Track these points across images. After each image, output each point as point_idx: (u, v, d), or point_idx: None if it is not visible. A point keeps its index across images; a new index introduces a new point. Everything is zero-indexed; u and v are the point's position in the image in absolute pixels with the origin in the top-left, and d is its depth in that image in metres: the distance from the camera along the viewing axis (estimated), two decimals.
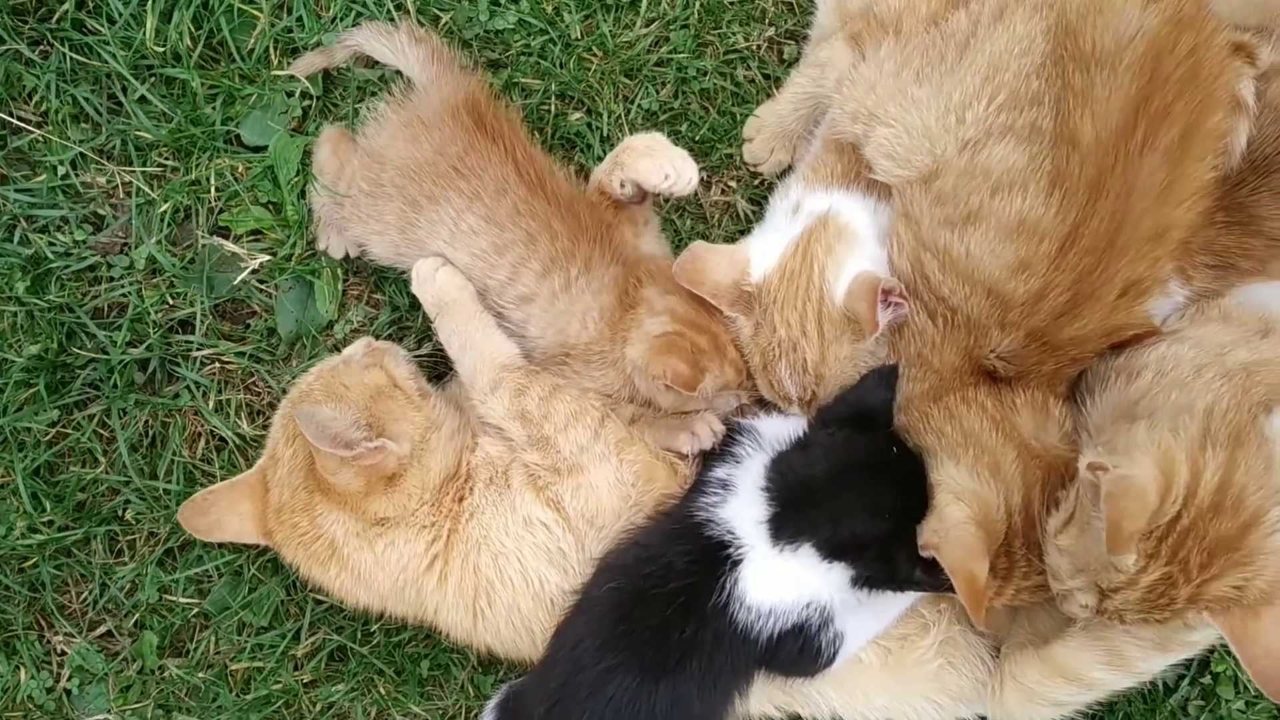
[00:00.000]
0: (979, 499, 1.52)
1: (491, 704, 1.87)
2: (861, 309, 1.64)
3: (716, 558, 1.60)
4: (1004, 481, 1.55)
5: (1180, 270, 1.70)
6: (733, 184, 2.02)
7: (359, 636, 1.95)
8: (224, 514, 1.77)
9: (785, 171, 1.97)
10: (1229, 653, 1.93)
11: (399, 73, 1.90)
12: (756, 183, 2.01)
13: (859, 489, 1.58)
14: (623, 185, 1.80)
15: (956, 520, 1.49)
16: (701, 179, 2.01)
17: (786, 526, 1.58)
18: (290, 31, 1.95)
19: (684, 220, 2.01)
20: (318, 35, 1.94)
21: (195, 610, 1.95)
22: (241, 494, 1.78)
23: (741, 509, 1.62)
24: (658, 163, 1.76)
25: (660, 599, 1.58)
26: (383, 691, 1.96)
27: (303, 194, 1.93)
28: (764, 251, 1.75)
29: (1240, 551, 1.41)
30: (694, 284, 1.71)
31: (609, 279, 1.79)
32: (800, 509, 1.58)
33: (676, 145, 1.80)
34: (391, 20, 1.93)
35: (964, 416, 1.61)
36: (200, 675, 1.94)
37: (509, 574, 1.72)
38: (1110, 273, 1.51)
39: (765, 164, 1.98)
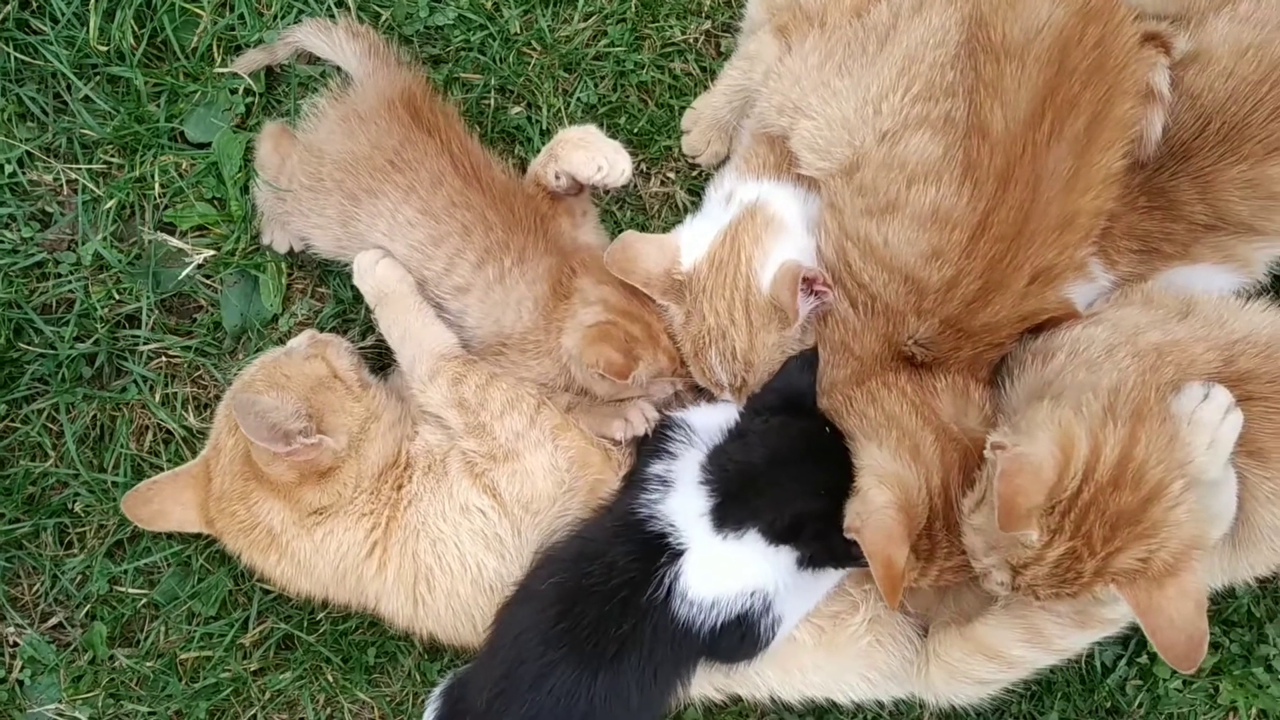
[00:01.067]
0: (901, 482, 1.54)
1: (437, 691, 1.90)
2: (785, 297, 1.67)
3: (657, 554, 1.62)
4: (924, 464, 1.57)
5: (1104, 255, 1.73)
6: (671, 175, 2.04)
7: (306, 625, 1.98)
8: (167, 503, 1.80)
9: (723, 162, 2.00)
10: None
11: (339, 68, 1.93)
12: (695, 174, 2.04)
13: (797, 472, 1.61)
14: (558, 177, 1.82)
15: (879, 504, 1.52)
16: (640, 170, 2.04)
17: (730, 515, 1.60)
18: (232, 29, 1.98)
19: (624, 211, 2.04)
20: (259, 32, 1.97)
21: (144, 601, 1.97)
22: (184, 484, 1.81)
23: (682, 503, 1.64)
24: (591, 155, 1.79)
25: (601, 595, 1.60)
26: (330, 679, 1.99)
27: (246, 189, 1.96)
28: (694, 240, 1.78)
29: (1143, 524, 1.43)
30: (625, 273, 1.73)
31: (543, 269, 1.82)
32: (743, 497, 1.60)
33: (611, 138, 1.82)
34: (332, 17, 1.96)
35: (885, 400, 1.63)
36: (149, 665, 1.96)
37: (447, 560, 1.75)
38: (1019, 260, 1.53)
39: (703, 155, 2.00)
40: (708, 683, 1.83)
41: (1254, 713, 1.98)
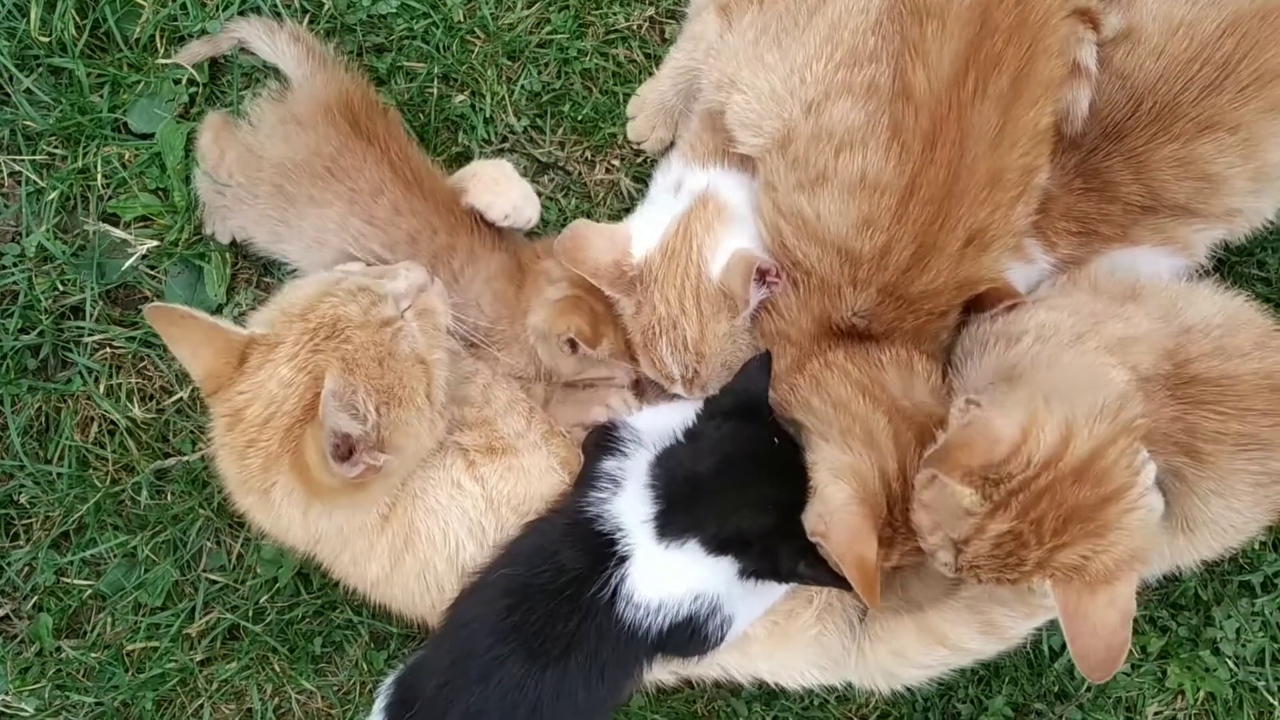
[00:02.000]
0: (857, 474, 1.52)
1: (390, 679, 1.89)
2: (735, 285, 1.66)
3: (604, 554, 1.61)
4: (878, 450, 1.55)
5: (1043, 237, 1.73)
6: (616, 163, 2.04)
7: (252, 615, 1.98)
8: (184, 341, 1.59)
9: (669, 149, 1.99)
10: None
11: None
12: (640, 160, 2.04)
13: (743, 484, 1.59)
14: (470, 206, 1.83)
15: (839, 502, 1.50)
16: (585, 158, 2.05)
17: (672, 523, 1.58)
18: (174, 19, 1.98)
19: (569, 199, 2.04)
20: (202, 23, 1.97)
21: (90, 592, 1.97)
22: (213, 342, 1.58)
23: (629, 505, 1.63)
24: (498, 201, 1.80)
25: (549, 593, 1.59)
26: (277, 669, 1.99)
27: (189, 180, 1.96)
28: (646, 229, 1.77)
29: (1095, 523, 1.42)
30: (575, 262, 1.72)
31: (496, 265, 1.83)
32: (686, 506, 1.58)
33: (520, 178, 1.85)
34: (275, 7, 1.96)
35: (830, 385, 1.61)
36: (96, 656, 1.96)
37: (432, 530, 1.71)
38: (951, 221, 1.52)
39: (648, 141, 2.00)
40: (661, 667, 1.83)
41: (1201, 696, 1.98)
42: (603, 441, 1.74)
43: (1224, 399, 1.61)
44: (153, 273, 1.99)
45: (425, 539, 1.71)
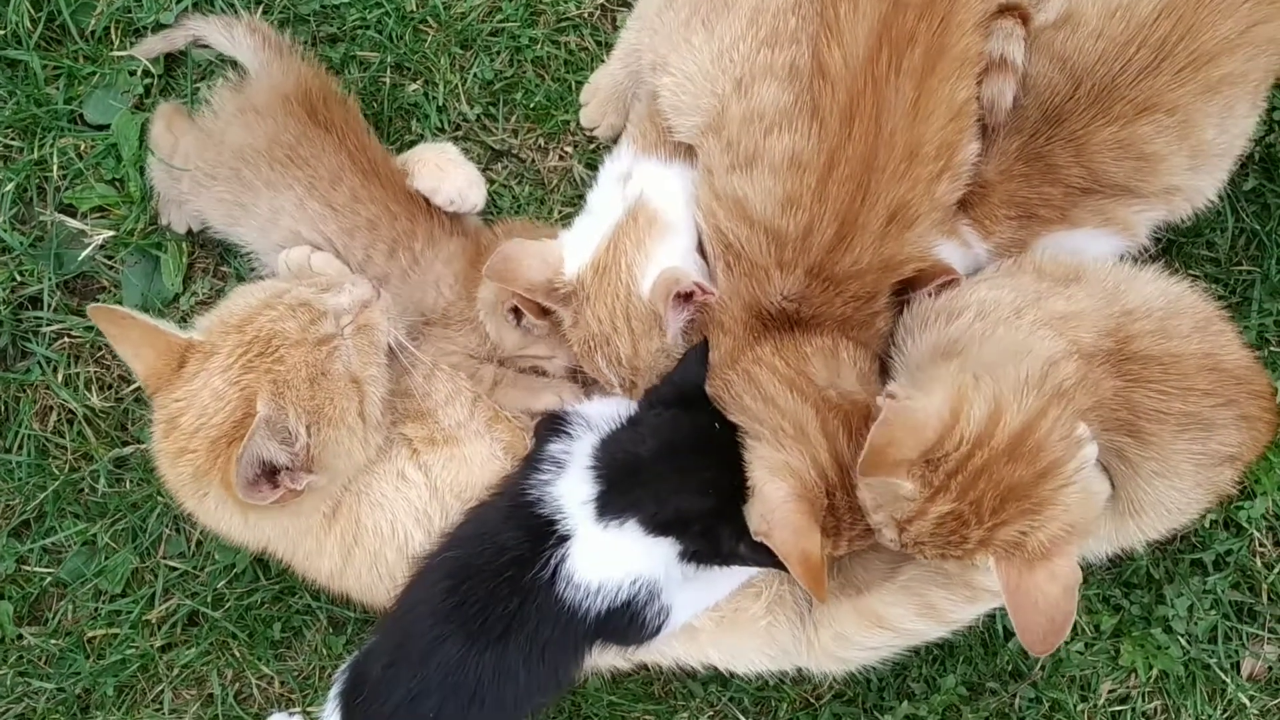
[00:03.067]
0: (793, 471, 1.53)
1: (347, 662, 1.91)
2: (659, 309, 1.66)
3: (545, 536, 1.62)
4: (809, 443, 1.56)
5: (979, 224, 1.73)
6: (569, 150, 2.06)
7: (211, 601, 1.99)
8: (126, 341, 1.62)
9: (620, 135, 2.01)
10: None
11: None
12: (593, 147, 2.05)
13: (683, 467, 1.60)
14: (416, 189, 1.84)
15: (778, 500, 1.51)
16: (539, 145, 2.06)
17: (612, 504, 1.60)
18: (129, 11, 1.99)
19: (522, 186, 2.05)
20: (156, 14, 1.99)
21: (51, 579, 1.99)
22: (153, 343, 1.60)
23: (570, 486, 1.64)
24: (443, 185, 1.80)
25: (490, 573, 1.61)
26: (237, 654, 2.01)
27: (144, 170, 1.98)
28: (579, 243, 1.76)
29: (1032, 500, 1.43)
30: (508, 283, 1.71)
31: (455, 247, 1.85)
32: (626, 487, 1.60)
33: (465, 160, 1.85)
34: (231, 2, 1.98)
35: (760, 381, 1.61)
36: (56, 642, 1.98)
37: (380, 523, 1.73)
38: (872, 198, 1.53)
39: (600, 128, 2.01)
40: (616, 652, 1.84)
41: (1154, 674, 1.99)
42: (552, 426, 1.76)
43: (1167, 377, 1.62)
44: (110, 263, 2.01)
45: (373, 532, 1.72)
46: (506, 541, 1.62)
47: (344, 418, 1.60)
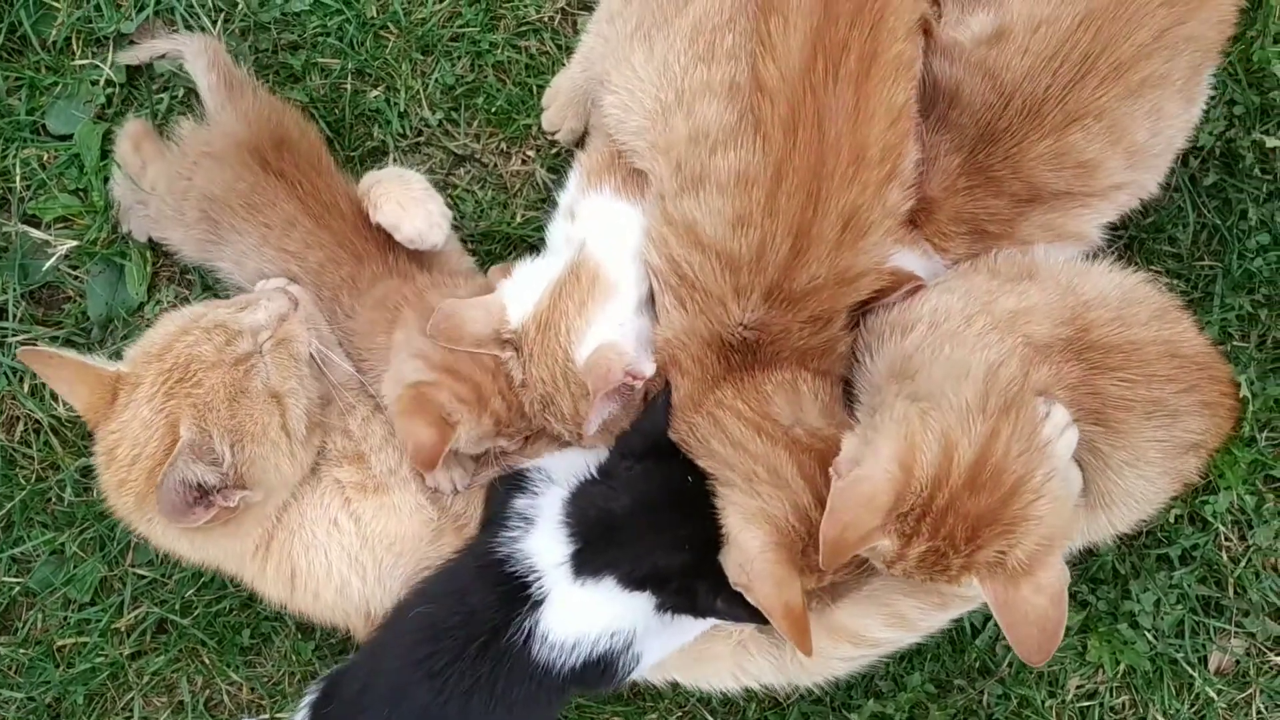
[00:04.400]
0: (768, 517, 1.52)
1: (321, 677, 1.91)
2: (589, 386, 1.61)
3: (517, 597, 1.60)
4: (787, 486, 1.54)
5: (932, 242, 1.72)
6: (531, 154, 2.06)
7: (180, 608, 2.00)
8: (60, 380, 1.68)
9: (581, 140, 2.01)
10: None
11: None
12: (555, 152, 2.05)
13: (658, 523, 1.59)
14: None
15: (755, 551, 1.50)
16: (501, 150, 2.07)
17: (588, 563, 1.59)
18: (89, 21, 2.00)
19: (485, 191, 2.06)
20: (116, 24, 1.99)
21: (19, 588, 2.00)
22: (85, 380, 1.64)
23: (542, 544, 1.62)
24: (403, 224, 1.78)
25: (460, 636, 1.60)
26: (206, 661, 2.02)
27: (108, 179, 1.98)
28: (521, 292, 1.73)
29: (1002, 523, 1.43)
30: (454, 342, 1.68)
31: (384, 291, 1.82)
32: (601, 546, 1.59)
33: (430, 195, 1.81)
34: (191, 7, 1.98)
35: (727, 426, 1.59)
36: (25, 652, 1.99)
37: (315, 565, 1.74)
38: (824, 205, 1.52)
39: (561, 132, 2.01)
40: None
41: (1121, 669, 1.99)
42: (513, 481, 1.75)
43: (1129, 364, 1.62)
44: (74, 272, 2.02)
45: (308, 572, 1.74)
46: (476, 604, 1.60)
47: (266, 433, 1.62)
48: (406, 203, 1.80)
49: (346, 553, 1.73)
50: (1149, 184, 1.74)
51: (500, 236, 2.04)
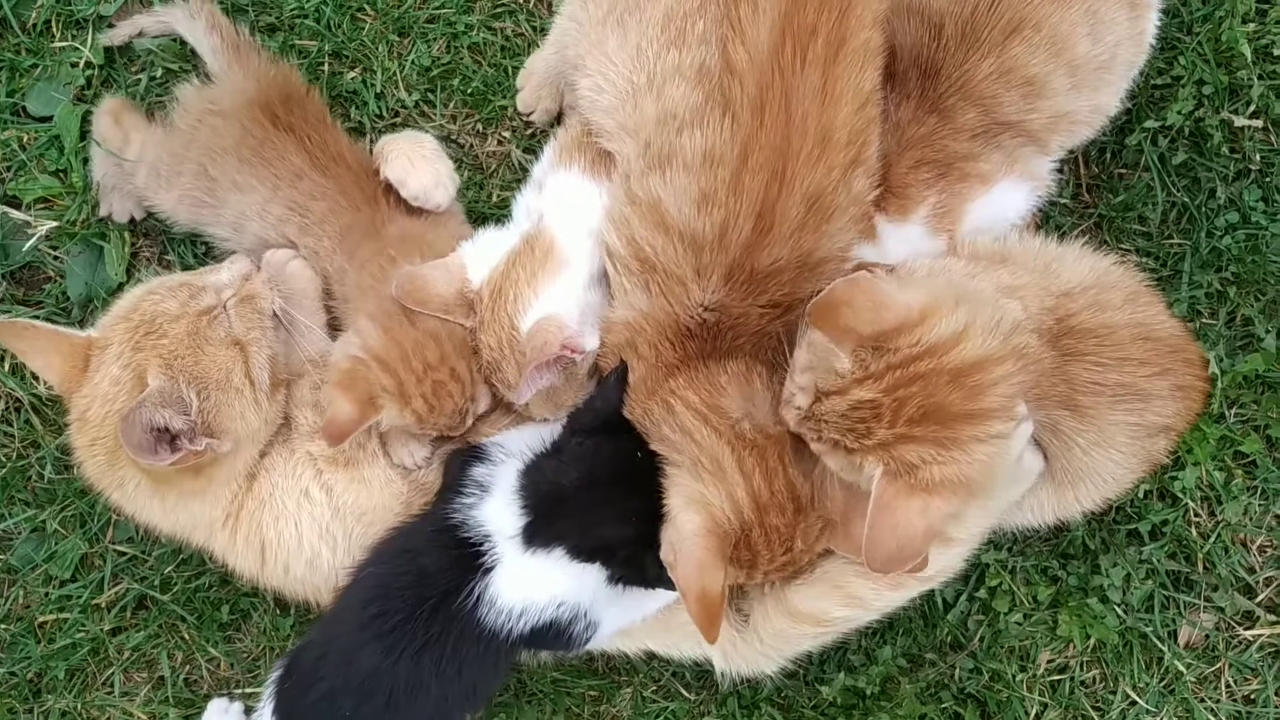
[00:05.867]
0: (707, 505, 1.54)
1: (291, 648, 1.94)
2: (526, 359, 1.65)
3: (469, 561, 1.64)
4: (727, 479, 1.56)
5: (897, 204, 1.72)
6: (507, 134, 2.08)
7: (160, 584, 2.02)
8: (34, 353, 1.71)
9: (557, 120, 2.03)
10: (1004, 567, 2.00)
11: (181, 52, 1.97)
12: (530, 133, 2.07)
13: (607, 496, 1.62)
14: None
15: (688, 532, 1.53)
16: (477, 131, 2.08)
17: (539, 534, 1.62)
18: (69, 4, 2.02)
19: (462, 172, 2.06)
20: (96, 6, 2.01)
21: (1, 565, 2.02)
22: (59, 349, 1.68)
23: (496, 512, 1.66)
24: (409, 180, 1.81)
25: (411, 596, 1.63)
26: (186, 637, 2.04)
27: (88, 160, 2.00)
28: (481, 255, 1.76)
29: (948, 432, 1.41)
30: (420, 305, 1.70)
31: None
32: (551, 518, 1.62)
33: (440, 156, 1.84)
34: None
35: (678, 413, 1.61)
36: (7, 628, 2.01)
37: (286, 537, 1.77)
38: (788, 185, 1.52)
39: (536, 113, 2.04)
40: None
41: (1091, 643, 2.01)
42: (472, 452, 1.78)
43: (1103, 349, 1.64)
44: (55, 253, 2.04)
45: (279, 544, 1.77)
46: (429, 566, 1.64)
47: (230, 380, 1.66)
48: (416, 159, 1.82)
49: (318, 524, 1.75)
50: (1104, 105, 1.75)
51: (477, 215, 2.05)
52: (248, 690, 2.04)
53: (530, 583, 1.63)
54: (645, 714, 2.03)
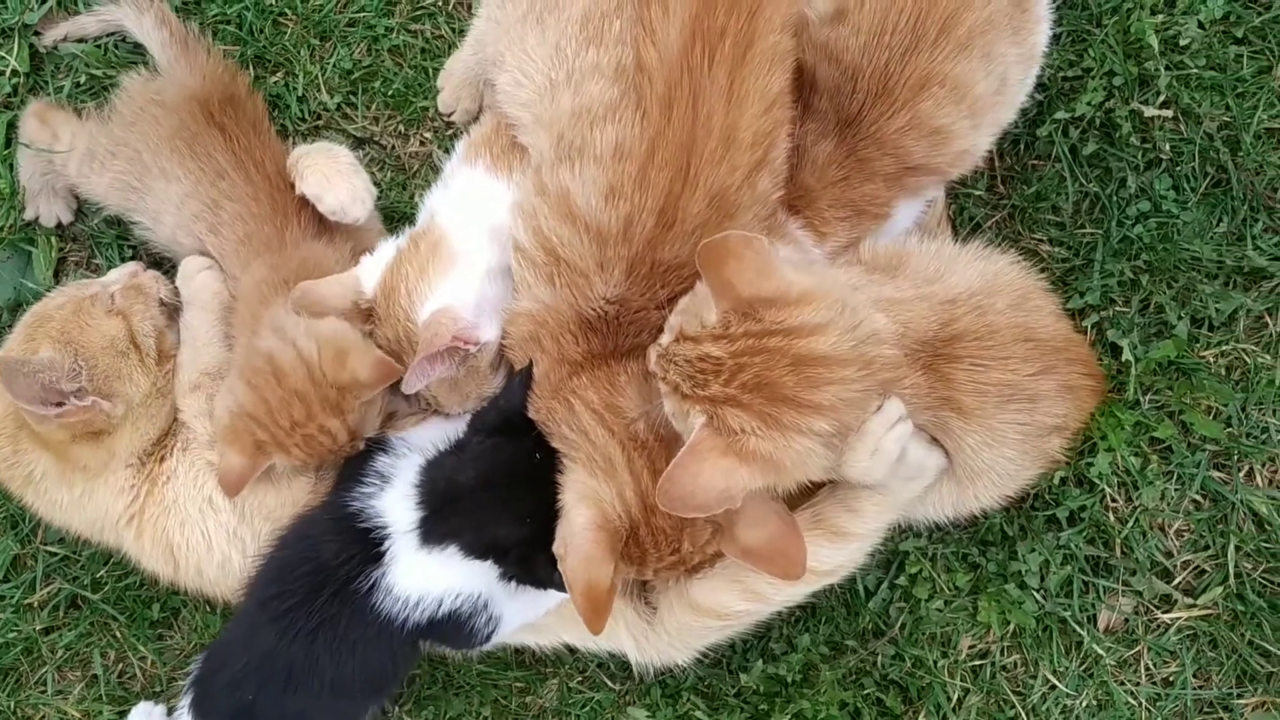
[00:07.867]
0: (598, 501, 1.57)
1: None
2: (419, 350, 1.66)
3: (365, 550, 1.67)
4: (617, 478, 1.59)
5: (813, 229, 1.76)
6: (429, 135, 2.11)
7: (91, 584, 2.05)
8: None
9: (476, 120, 2.06)
10: (924, 554, 2.03)
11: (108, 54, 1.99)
12: (451, 133, 2.10)
13: (502, 496, 1.65)
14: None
15: (579, 526, 1.56)
16: (399, 132, 2.11)
17: (434, 530, 1.65)
18: None
19: (384, 173, 2.11)
20: (20, 15, 2.04)
21: None
22: None
23: (394, 504, 1.69)
24: (325, 196, 1.83)
25: (308, 578, 1.67)
26: (118, 635, 2.07)
27: (13, 167, 2.03)
28: (378, 264, 1.79)
29: (771, 410, 1.44)
30: (318, 315, 1.73)
31: (298, 261, 1.87)
32: (446, 514, 1.65)
33: (356, 170, 1.87)
34: None
35: (577, 413, 1.64)
36: None
37: (193, 542, 1.83)
38: (692, 183, 1.56)
39: (456, 112, 2.07)
40: None
41: (1011, 628, 2.04)
42: (377, 443, 1.81)
43: (982, 351, 1.66)
44: None
45: (187, 548, 1.82)
46: (326, 551, 1.67)
47: (114, 345, 1.80)
48: (332, 175, 1.85)
49: (224, 529, 1.80)
50: (982, 145, 1.79)
51: (400, 215, 2.08)
52: (181, 685, 2.07)
53: (426, 575, 1.66)
54: (571, 704, 2.06)
